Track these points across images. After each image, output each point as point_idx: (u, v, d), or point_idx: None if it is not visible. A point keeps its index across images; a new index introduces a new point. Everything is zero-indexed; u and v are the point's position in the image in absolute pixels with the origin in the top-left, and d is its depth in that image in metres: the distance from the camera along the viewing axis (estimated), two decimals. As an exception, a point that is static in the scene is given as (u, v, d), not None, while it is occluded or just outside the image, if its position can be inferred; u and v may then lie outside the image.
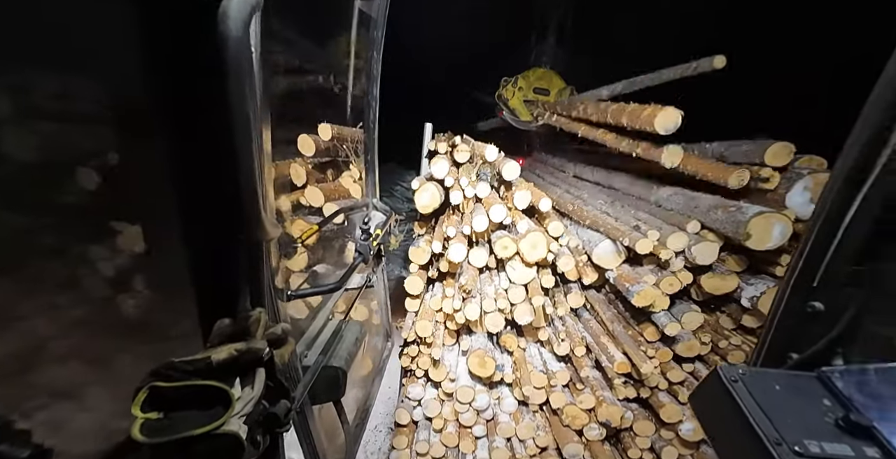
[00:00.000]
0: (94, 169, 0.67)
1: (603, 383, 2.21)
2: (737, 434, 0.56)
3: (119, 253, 0.73)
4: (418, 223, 2.73)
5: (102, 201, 0.69)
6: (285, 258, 1.09)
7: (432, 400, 2.36)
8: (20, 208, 0.62)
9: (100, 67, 0.65)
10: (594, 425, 2.17)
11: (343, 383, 1.03)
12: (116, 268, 0.74)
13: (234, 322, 0.63)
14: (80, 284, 0.72)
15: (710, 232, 1.89)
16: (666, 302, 1.95)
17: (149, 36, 0.63)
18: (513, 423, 2.29)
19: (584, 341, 2.28)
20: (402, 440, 2.36)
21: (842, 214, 0.59)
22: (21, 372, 0.64)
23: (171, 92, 0.65)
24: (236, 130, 0.58)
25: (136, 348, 0.78)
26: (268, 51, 0.75)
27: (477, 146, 2.39)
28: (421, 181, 2.44)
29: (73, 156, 0.66)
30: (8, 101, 0.59)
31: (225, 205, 0.63)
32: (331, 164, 1.68)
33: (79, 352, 0.72)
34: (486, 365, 2.21)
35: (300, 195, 1.44)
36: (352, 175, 1.83)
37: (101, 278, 0.73)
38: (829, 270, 0.63)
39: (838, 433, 0.53)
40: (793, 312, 0.68)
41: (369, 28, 1.52)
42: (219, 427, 0.50)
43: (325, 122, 1.49)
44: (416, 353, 2.40)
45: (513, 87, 4.19)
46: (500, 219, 2.08)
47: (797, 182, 1.68)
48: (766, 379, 0.61)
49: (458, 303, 2.17)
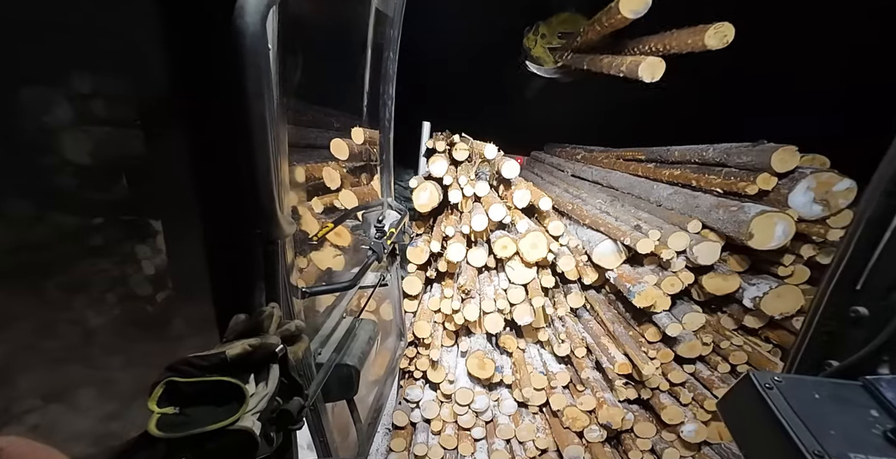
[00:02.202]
0: (123, 169, 0.69)
1: (604, 384, 2.19)
2: (772, 446, 0.52)
3: (158, 251, 0.76)
4: (416, 222, 2.70)
5: (133, 200, 0.71)
6: (301, 255, 1.09)
7: (431, 402, 2.34)
8: (66, 209, 0.64)
9: (118, 66, 0.65)
10: (595, 426, 2.15)
11: (356, 381, 1.04)
12: (155, 266, 0.77)
13: (249, 318, 0.64)
14: (125, 282, 0.74)
15: (711, 231, 1.87)
16: (667, 302, 1.93)
17: (165, 32, 0.64)
18: (512, 425, 2.26)
19: (585, 342, 2.26)
20: (400, 442, 2.33)
21: (889, 215, 0.56)
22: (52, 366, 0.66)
23: (190, 90, 0.66)
24: (253, 128, 0.58)
25: (161, 344, 0.80)
26: (285, 48, 0.75)
27: (476, 144, 2.36)
28: (419, 180, 2.41)
29: (109, 157, 0.68)
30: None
31: (241, 202, 0.64)
32: (364, 168, 1.70)
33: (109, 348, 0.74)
34: (486, 367, 2.18)
35: (335, 198, 1.45)
36: (381, 178, 1.82)
37: (143, 276, 0.75)
38: (875, 272, 0.60)
39: (887, 446, 0.49)
40: (833, 316, 0.65)
41: (385, 26, 1.51)
42: (233, 423, 0.49)
43: (357, 126, 1.51)
44: (415, 354, 2.37)
45: (534, 36, 3.93)
46: (499, 218, 2.06)
47: (800, 182, 1.66)
48: (804, 387, 0.57)
49: (457, 304, 2.14)
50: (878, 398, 0.55)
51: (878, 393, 0.55)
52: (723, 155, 1.90)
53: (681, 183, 2.15)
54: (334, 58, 1.40)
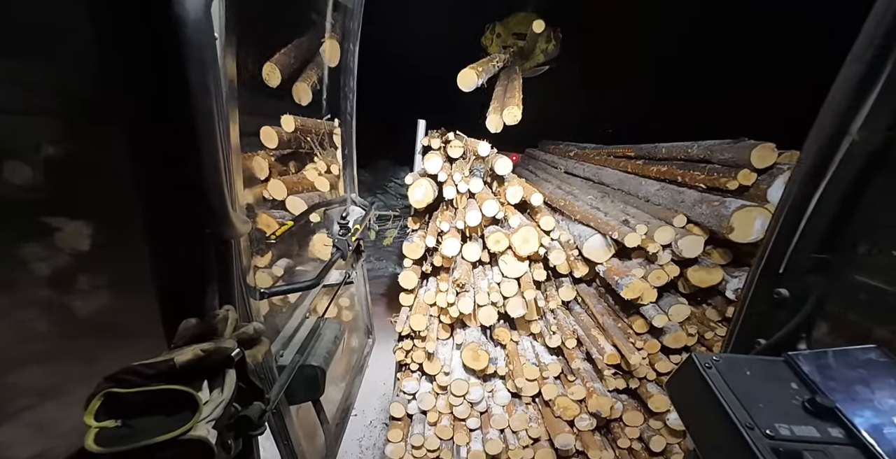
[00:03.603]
0: (26, 161, 0.61)
1: (593, 374, 2.26)
2: (712, 419, 0.58)
3: (58, 251, 0.68)
4: (412, 218, 2.75)
5: (36, 196, 0.63)
6: (258, 255, 1.08)
7: (427, 394, 2.39)
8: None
9: (38, 53, 0.59)
10: (585, 415, 2.22)
11: (322, 382, 1.02)
12: (53, 268, 0.68)
13: (201, 322, 0.60)
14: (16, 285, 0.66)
15: (695, 226, 1.94)
16: (654, 294, 2.00)
17: (95, 18, 0.56)
18: (506, 415, 2.33)
19: (576, 334, 2.32)
20: (397, 433, 2.39)
21: (804, 206, 0.63)
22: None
23: (124, 80, 0.58)
24: (198, 123, 0.54)
25: (88, 353, 0.72)
26: (235, 37, 0.69)
27: (470, 142, 2.42)
28: (414, 177, 2.46)
29: (24, 151, 0.61)
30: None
31: (189, 200, 0.60)
32: (294, 156, 1.63)
33: (21, 359, 0.66)
34: (480, 358, 2.24)
35: (263, 188, 1.40)
36: (316, 167, 1.78)
37: (41, 278, 0.67)
38: (794, 258, 0.66)
39: (805, 415, 0.55)
40: (760, 299, 0.71)
41: (344, 18, 1.48)
42: (185, 432, 0.47)
43: (287, 114, 1.45)
44: (411, 347, 2.43)
45: (491, 34, 3.96)
46: (492, 213, 2.11)
47: (778, 177, 1.73)
48: (737, 365, 0.62)
49: (452, 297, 2.20)
50: (797, 371, 0.61)
51: (798, 367, 0.61)
52: (706, 151, 1.97)
53: (668, 179, 2.22)
54: (288, 47, 1.33)
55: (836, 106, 0.60)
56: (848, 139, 0.58)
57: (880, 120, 0.57)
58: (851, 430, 0.52)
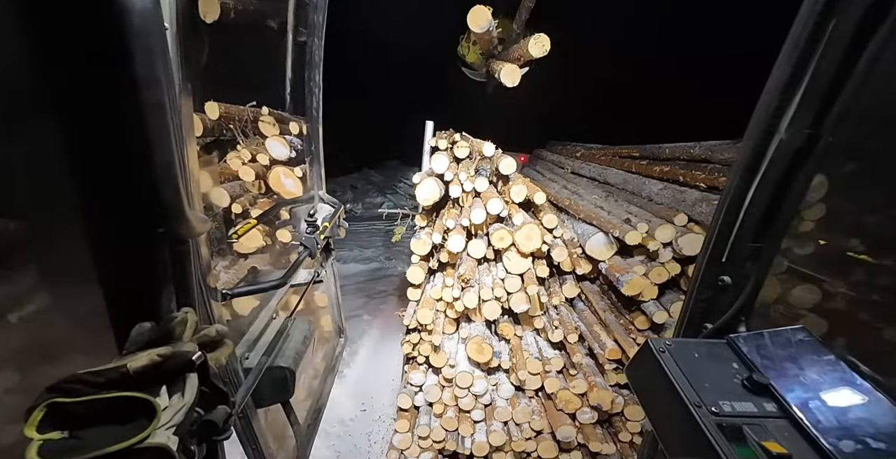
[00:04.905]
0: None
1: (595, 369, 2.31)
2: (665, 400, 0.63)
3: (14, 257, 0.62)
4: (420, 216, 2.84)
5: None
6: (219, 255, 1.05)
7: (433, 386, 2.47)
8: None
9: None
10: (586, 409, 2.27)
11: (291, 383, 1.00)
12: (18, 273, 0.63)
13: (157, 326, 0.58)
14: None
15: (696, 224, 1.98)
16: (654, 291, 2.04)
17: (28, 7, 0.52)
18: (510, 408, 2.39)
19: (578, 329, 2.38)
20: (404, 424, 2.48)
21: (742, 198, 0.69)
22: None
23: (64, 73, 0.55)
24: (147, 116, 0.52)
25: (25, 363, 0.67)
26: (189, 28, 0.66)
27: (476, 143, 2.49)
28: (422, 176, 2.55)
29: None
30: None
31: (141, 197, 0.57)
32: (215, 145, 1.60)
33: None
34: (484, 351, 2.32)
35: None
36: (240, 156, 1.72)
37: None
38: (734, 248, 0.72)
39: (745, 392, 0.61)
40: (707, 286, 0.76)
41: (308, 10, 1.41)
42: (142, 440, 0.45)
43: (212, 101, 1.40)
44: (418, 340, 2.52)
45: (466, 43, 3.93)
46: (497, 211, 2.19)
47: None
48: (687, 348, 0.68)
49: (458, 292, 2.28)
50: (738, 352, 0.67)
51: (738, 348, 0.67)
52: (707, 151, 2.01)
53: (670, 178, 2.26)
54: (249, 41, 1.31)
55: (767, 106, 0.65)
56: (777, 137, 0.64)
57: (803, 119, 0.63)
58: (783, 404, 0.58)
